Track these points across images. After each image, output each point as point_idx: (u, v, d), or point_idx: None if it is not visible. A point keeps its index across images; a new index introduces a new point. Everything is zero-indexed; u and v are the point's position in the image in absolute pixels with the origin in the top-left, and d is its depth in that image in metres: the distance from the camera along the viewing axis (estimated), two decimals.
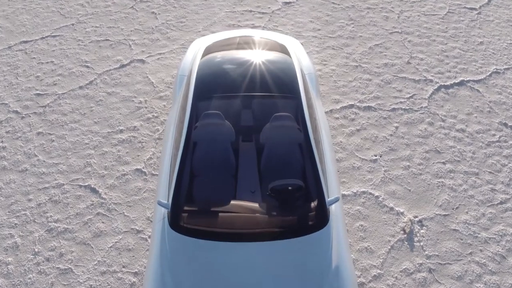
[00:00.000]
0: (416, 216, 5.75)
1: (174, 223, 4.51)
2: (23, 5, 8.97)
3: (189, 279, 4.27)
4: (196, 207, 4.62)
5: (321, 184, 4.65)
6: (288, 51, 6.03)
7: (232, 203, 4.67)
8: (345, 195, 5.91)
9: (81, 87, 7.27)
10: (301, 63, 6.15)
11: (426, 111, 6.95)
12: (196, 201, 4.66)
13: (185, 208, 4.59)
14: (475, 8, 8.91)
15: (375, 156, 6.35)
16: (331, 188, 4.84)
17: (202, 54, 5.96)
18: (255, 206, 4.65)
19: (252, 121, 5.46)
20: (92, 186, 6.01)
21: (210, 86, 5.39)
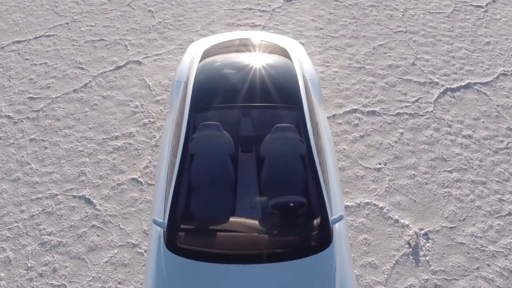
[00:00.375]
0: (422, 229, 5.56)
1: (171, 244, 4.32)
2: (16, 2, 8.70)
3: None
4: (194, 226, 4.42)
5: (324, 202, 4.44)
6: (289, 55, 5.80)
7: (231, 221, 4.47)
8: (348, 206, 5.72)
9: (75, 90, 7.04)
10: (303, 68, 5.92)
11: (432, 116, 6.73)
12: (194, 219, 4.46)
13: (182, 226, 4.40)
14: (481, 6, 8.64)
15: (380, 164, 6.14)
16: (335, 205, 4.64)
17: (200, 59, 5.74)
18: (255, 224, 4.45)
19: (252, 131, 5.25)
20: (87, 196, 5.81)
21: (208, 95, 5.17)
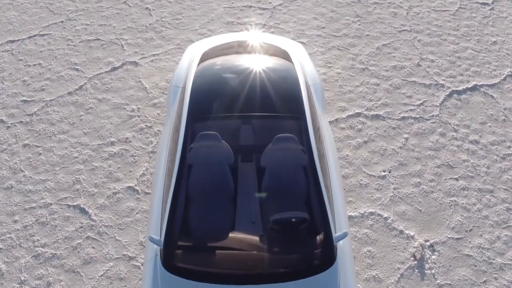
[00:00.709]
0: (427, 240, 5.39)
1: (168, 263, 4.14)
2: (10, 0, 8.47)
3: None
4: (192, 243, 4.24)
5: (327, 218, 4.26)
6: (291, 59, 5.60)
7: (231, 237, 4.29)
8: (351, 217, 5.54)
9: (70, 93, 6.83)
10: (305, 72, 5.70)
11: (438, 120, 6.53)
12: (192, 236, 4.28)
13: (179, 244, 4.22)
14: (487, 3, 8.40)
15: (384, 172, 5.96)
16: (339, 221, 4.46)
17: (198, 63, 5.53)
18: (256, 241, 4.28)
19: (252, 140, 5.06)
20: (82, 206, 5.63)
21: (206, 103, 4.97)
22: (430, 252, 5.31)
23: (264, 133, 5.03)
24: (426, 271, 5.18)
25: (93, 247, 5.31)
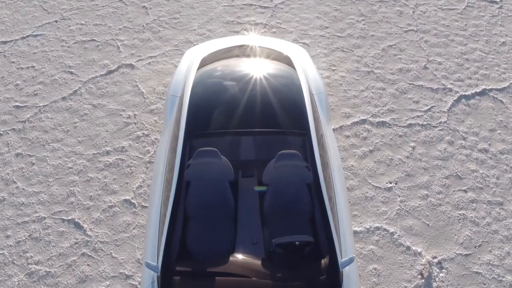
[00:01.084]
0: (435, 257, 5.19)
1: None
2: None
3: None
4: (191, 268, 4.04)
5: (333, 243, 4.06)
6: (294, 66, 5.36)
7: (231, 261, 4.09)
8: (357, 232, 5.33)
9: (64, 98, 6.58)
10: (309, 80, 5.46)
11: (446, 127, 6.30)
12: (191, 261, 4.08)
13: (177, 269, 4.02)
14: (495, 1, 8.12)
15: (390, 183, 5.74)
16: (345, 244, 4.26)
17: (196, 70, 5.29)
18: (258, 265, 4.07)
19: (253, 157, 4.83)
20: (76, 220, 5.42)
21: (205, 116, 4.74)
22: (438, 270, 5.12)
23: (266, 148, 4.81)
24: None
25: (88, 265, 5.11)
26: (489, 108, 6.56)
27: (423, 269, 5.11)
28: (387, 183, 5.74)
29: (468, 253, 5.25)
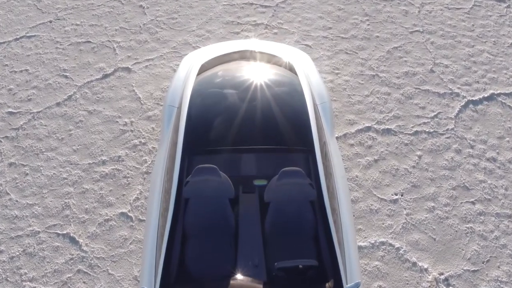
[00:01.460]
0: (442, 273, 5.03)
1: None
2: None
3: None
4: None
5: (338, 268, 3.88)
6: (297, 74, 5.15)
7: (232, 285, 3.92)
8: (361, 247, 5.16)
9: (58, 104, 6.37)
10: (312, 90, 5.25)
11: (453, 135, 6.10)
12: (189, 286, 3.91)
13: None
14: (503, 0, 7.87)
15: (396, 195, 5.55)
16: (350, 268, 4.08)
17: (195, 78, 5.08)
18: None
19: (254, 171, 4.65)
20: (71, 234, 5.24)
21: (203, 130, 4.55)
22: (444, 287, 4.95)
23: (268, 164, 4.62)
24: None
25: (84, 282, 4.94)
26: (497, 114, 6.36)
27: (430, 286, 4.95)
28: (392, 195, 5.56)
29: (475, 269, 5.08)
